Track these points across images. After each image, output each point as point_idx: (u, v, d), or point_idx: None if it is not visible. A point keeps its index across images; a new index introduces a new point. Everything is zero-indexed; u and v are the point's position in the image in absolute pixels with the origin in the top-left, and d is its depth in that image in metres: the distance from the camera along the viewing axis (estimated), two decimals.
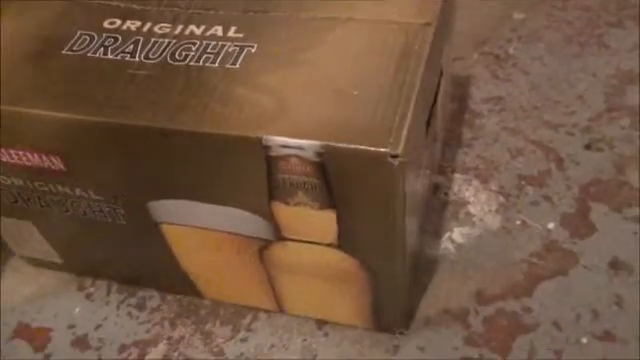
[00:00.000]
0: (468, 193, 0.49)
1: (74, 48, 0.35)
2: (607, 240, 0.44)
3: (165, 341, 0.43)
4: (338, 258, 0.35)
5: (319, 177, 0.30)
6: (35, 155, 0.35)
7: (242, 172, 0.32)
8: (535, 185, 0.49)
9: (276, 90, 0.31)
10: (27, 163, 0.36)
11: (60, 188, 0.37)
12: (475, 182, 0.50)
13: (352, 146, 0.28)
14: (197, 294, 0.44)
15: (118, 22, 0.37)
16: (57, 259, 0.45)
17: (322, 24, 0.35)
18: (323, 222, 0.32)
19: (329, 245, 0.34)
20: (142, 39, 0.35)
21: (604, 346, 0.39)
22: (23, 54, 0.36)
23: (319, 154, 0.29)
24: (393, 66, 0.31)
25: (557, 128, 0.53)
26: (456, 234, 0.46)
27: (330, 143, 0.29)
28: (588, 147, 0.51)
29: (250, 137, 0.30)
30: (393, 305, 0.39)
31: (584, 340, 0.39)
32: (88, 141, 0.34)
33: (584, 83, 0.56)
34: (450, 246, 0.46)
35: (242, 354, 0.42)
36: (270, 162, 0.30)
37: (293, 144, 0.29)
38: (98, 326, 0.44)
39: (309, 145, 0.29)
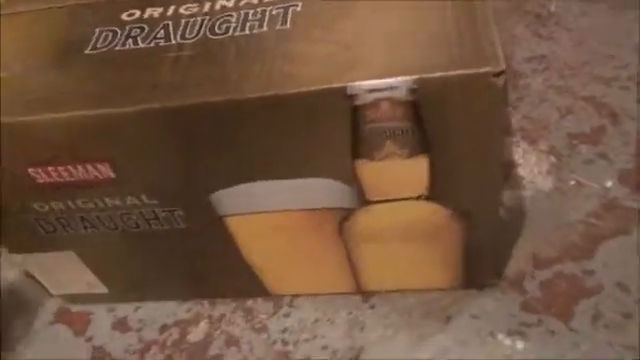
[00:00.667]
0: (516, 155, 0.46)
1: (97, 46, 0.32)
2: None
3: (206, 320, 0.41)
4: (428, 211, 0.33)
5: (411, 119, 0.28)
6: (79, 167, 0.32)
7: (321, 134, 0.29)
8: (588, 143, 0.46)
9: (342, 40, 0.29)
10: (69, 179, 0.32)
11: (108, 201, 0.34)
12: (523, 143, 0.47)
13: (450, 73, 0.26)
14: (263, 292, 0.41)
15: (137, 12, 0.34)
16: (102, 289, 0.42)
17: None
18: (413, 172, 0.30)
19: (418, 198, 0.32)
20: (171, 22, 0.33)
21: None
22: (39, 64, 0.33)
23: (412, 91, 0.27)
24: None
25: (609, 83, 0.49)
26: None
27: (425, 75, 0.26)
28: None
29: (332, 88, 0.27)
30: (486, 254, 0.36)
31: None
32: (139, 136, 0.30)
33: (636, 36, 0.53)
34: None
35: (286, 329, 0.40)
36: (356, 113, 0.28)
37: (383, 85, 0.27)
38: (137, 308, 0.43)
39: (402, 82, 0.26)
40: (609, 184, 0.43)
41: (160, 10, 0.34)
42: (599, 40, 0.53)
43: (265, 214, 0.34)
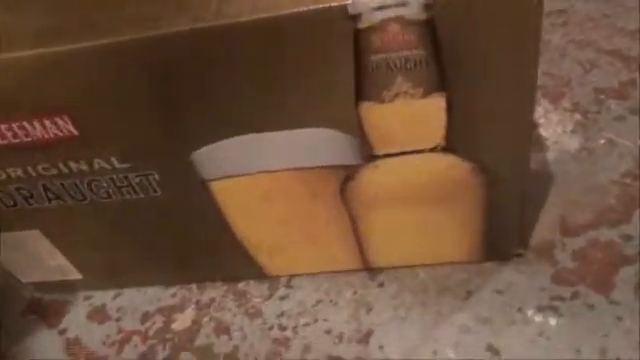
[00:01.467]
0: (537, 114, 0.41)
1: None
2: None
3: (193, 306, 0.37)
4: (446, 165, 0.28)
5: (426, 45, 0.23)
6: (35, 123, 0.27)
7: (319, 71, 0.25)
8: (618, 98, 0.41)
9: None
10: (26, 139, 0.28)
11: (73, 165, 0.29)
12: (544, 102, 0.42)
13: None
14: (256, 273, 0.36)
15: None
16: (76, 275, 0.37)
17: None
18: (429, 115, 0.26)
19: (434, 150, 0.27)
20: None
21: None
22: None
23: (428, 7, 0.22)
24: None
25: (634, 35, 0.44)
26: None
27: None
28: None
29: (331, 7, 0.23)
30: (511, 219, 0.31)
31: None
32: (102, 80, 0.26)
33: None
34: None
35: (283, 313, 0.35)
36: (359, 40, 0.23)
37: (391, 1, 0.22)
38: (117, 295, 0.39)
39: None
40: None
41: None
42: None
43: (255, 176, 0.30)
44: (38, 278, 0.38)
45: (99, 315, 0.38)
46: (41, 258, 0.36)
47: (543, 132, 0.40)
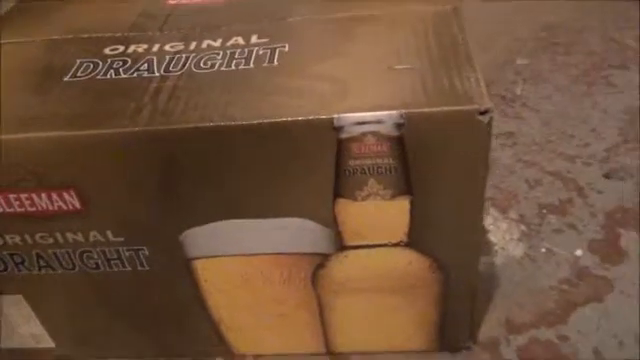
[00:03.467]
0: (487, 222, 0.46)
1: (78, 74, 0.32)
2: None
3: None
4: (408, 260, 0.32)
5: (396, 156, 0.28)
6: (43, 195, 0.30)
7: (304, 169, 0.29)
8: (557, 213, 0.46)
9: (329, 76, 0.29)
10: (31, 209, 0.30)
11: (70, 236, 0.32)
12: (494, 211, 0.47)
13: (436, 109, 0.26)
14: (226, 351, 0.38)
15: (121, 48, 0.34)
16: (49, 344, 0.38)
17: (345, 23, 0.34)
18: (394, 215, 0.30)
19: (397, 245, 0.31)
20: (155, 57, 0.33)
21: None
22: (14, 87, 0.32)
23: (399, 126, 0.27)
24: (434, 38, 0.31)
25: (574, 159, 0.51)
26: None
27: (412, 110, 0.26)
28: (608, 176, 0.49)
29: (319, 119, 0.27)
30: (462, 312, 0.35)
31: None
32: (111, 163, 0.29)
33: (596, 118, 0.55)
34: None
35: None
36: (341, 146, 0.27)
37: (370, 118, 0.27)
38: None
39: (389, 116, 0.27)
40: (579, 253, 0.43)
41: (145, 46, 0.34)
42: (562, 121, 0.55)
43: (235, 258, 0.33)
44: (10, 344, 0.39)
45: None
46: (17, 324, 0.38)
47: (492, 238, 0.45)
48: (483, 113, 0.26)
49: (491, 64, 0.64)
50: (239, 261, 0.33)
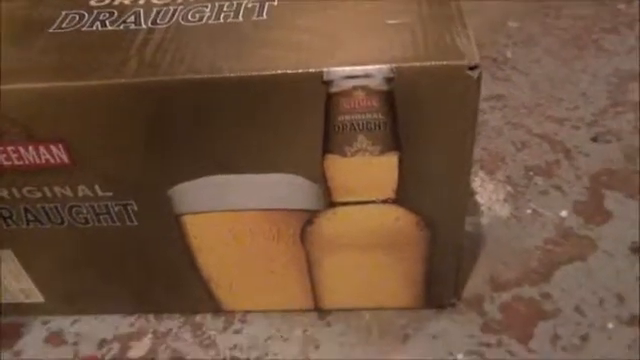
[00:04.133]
0: (475, 183, 0.46)
1: (63, 26, 0.31)
2: (625, 226, 0.42)
3: (150, 335, 0.39)
4: (395, 216, 0.32)
5: (385, 111, 0.28)
6: (30, 148, 0.30)
7: (293, 124, 0.29)
8: (544, 175, 0.47)
9: (319, 30, 0.29)
10: (18, 163, 0.30)
11: (58, 190, 0.32)
12: (481, 173, 0.47)
13: (426, 63, 0.26)
14: (215, 308, 0.39)
15: (107, 0, 0.34)
16: (38, 298, 0.38)
17: None
18: (383, 171, 0.30)
19: (385, 201, 0.31)
20: (142, 10, 0.32)
21: (632, 331, 0.36)
22: (0, 40, 0.31)
23: (389, 80, 0.27)
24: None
25: (562, 122, 0.51)
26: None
27: (402, 64, 0.26)
28: (595, 139, 0.49)
29: (309, 73, 0.27)
30: (448, 269, 0.35)
31: (610, 325, 0.36)
32: (100, 116, 0.29)
33: (585, 82, 0.55)
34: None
35: (235, 346, 0.37)
36: (330, 101, 0.27)
37: (360, 72, 0.27)
38: (75, 321, 0.40)
39: (378, 70, 0.26)
40: (564, 214, 0.43)
41: None
42: (551, 84, 0.56)
43: (224, 213, 0.33)
44: (2, 300, 0.40)
45: (56, 339, 0.39)
46: (6, 279, 0.38)
47: (479, 199, 0.45)
48: (473, 68, 0.26)
49: (482, 26, 0.64)
50: (228, 217, 0.33)
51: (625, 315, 0.37)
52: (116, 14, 0.32)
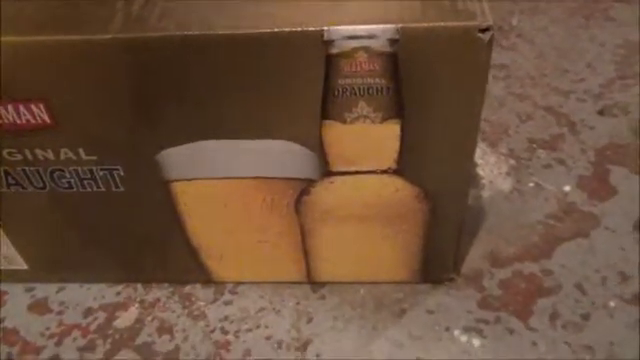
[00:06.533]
0: (476, 156, 0.45)
1: None
2: (630, 202, 0.41)
3: (137, 304, 0.37)
4: (395, 188, 0.30)
5: (388, 76, 0.26)
6: (9, 107, 0.28)
7: (290, 87, 0.27)
8: (547, 148, 0.45)
9: None
10: None
11: (40, 153, 0.30)
12: (483, 145, 0.46)
13: (434, 24, 0.24)
14: (205, 278, 0.37)
15: None
16: (21, 265, 0.37)
17: None
18: (383, 139, 0.28)
19: (385, 172, 0.30)
20: None
21: (635, 310, 0.35)
22: None
23: (393, 42, 0.25)
24: None
25: (567, 94, 0.50)
26: None
27: (408, 25, 0.24)
28: (601, 113, 0.48)
29: (308, 31, 0.25)
30: (447, 244, 0.34)
31: (612, 304, 0.35)
32: (84, 74, 0.27)
33: (592, 53, 0.53)
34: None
35: (226, 318, 0.36)
36: (330, 63, 0.26)
37: (362, 32, 0.25)
38: (61, 289, 0.39)
39: (383, 31, 0.25)
40: (567, 188, 0.42)
41: None
42: (557, 54, 0.54)
43: (216, 181, 0.31)
44: None
45: (40, 307, 0.38)
46: None
47: (480, 172, 0.44)
48: (484, 31, 0.24)
49: None
50: (219, 184, 0.32)
51: (628, 293, 0.36)
52: None
